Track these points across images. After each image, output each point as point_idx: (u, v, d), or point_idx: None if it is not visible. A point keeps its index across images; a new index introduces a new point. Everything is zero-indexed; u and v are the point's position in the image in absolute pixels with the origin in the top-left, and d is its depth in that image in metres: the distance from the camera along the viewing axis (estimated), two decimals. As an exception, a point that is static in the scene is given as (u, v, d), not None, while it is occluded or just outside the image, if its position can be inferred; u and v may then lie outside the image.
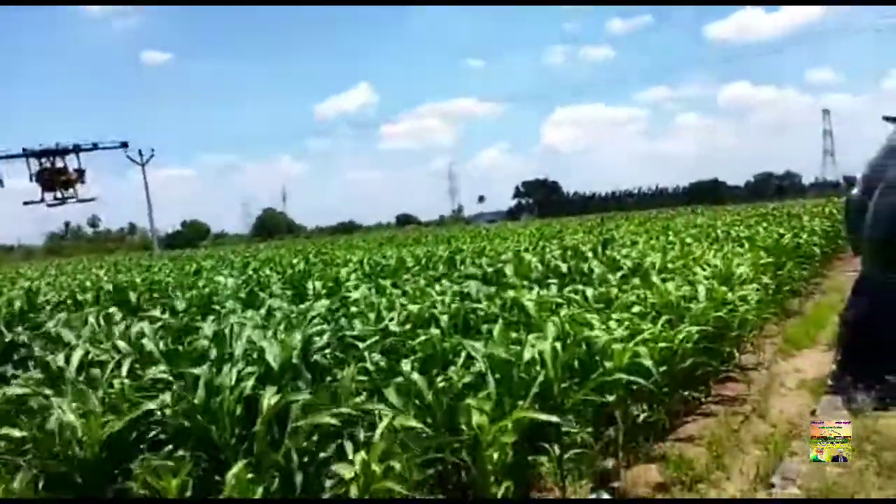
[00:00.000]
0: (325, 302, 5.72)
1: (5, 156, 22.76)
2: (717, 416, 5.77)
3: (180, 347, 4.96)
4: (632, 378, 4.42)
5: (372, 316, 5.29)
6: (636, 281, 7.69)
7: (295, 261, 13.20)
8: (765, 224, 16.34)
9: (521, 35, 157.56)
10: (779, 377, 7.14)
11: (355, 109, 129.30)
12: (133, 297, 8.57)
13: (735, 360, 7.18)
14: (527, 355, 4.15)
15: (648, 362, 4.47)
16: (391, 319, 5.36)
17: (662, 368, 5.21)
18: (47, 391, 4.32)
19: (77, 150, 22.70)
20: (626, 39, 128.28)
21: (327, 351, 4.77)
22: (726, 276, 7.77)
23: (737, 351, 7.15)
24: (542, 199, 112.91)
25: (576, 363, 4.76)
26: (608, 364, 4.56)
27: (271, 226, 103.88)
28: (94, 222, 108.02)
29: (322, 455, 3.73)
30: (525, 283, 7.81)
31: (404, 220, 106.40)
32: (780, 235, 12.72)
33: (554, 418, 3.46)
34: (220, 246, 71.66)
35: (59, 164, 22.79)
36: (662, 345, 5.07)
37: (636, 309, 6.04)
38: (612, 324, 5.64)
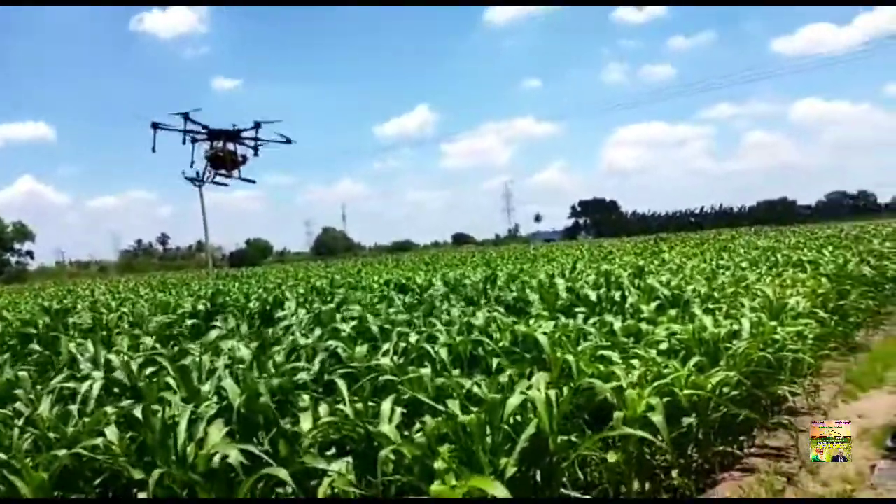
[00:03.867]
0: (318, 332, 5.28)
1: (187, 130, 24.10)
2: (760, 472, 4.98)
3: (155, 379, 4.62)
4: (642, 434, 3.76)
5: (363, 349, 4.80)
6: (673, 312, 6.99)
7: (320, 283, 12.88)
8: (830, 247, 15.08)
9: (578, 54, 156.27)
10: (838, 425, 6.24)
11: (415, 130, 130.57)
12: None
13: (786, 405, 6.34)
14: (513, 402, 3.57)
15: (658, 417, 3.79)
16: (385, 353, 4.87)
17: (690, 419, 4.55)
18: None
19: (243, 136, 23.94)
20: (688, 56, 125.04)
21: (305, 390, 4.33)
22: (778, 309, 6.94)
23: (789, 394, 6.30)
24: (599, 218, 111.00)
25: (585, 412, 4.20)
26: (618, 414, 3.93)
27: (331, 244, 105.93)
28: (163, 241, 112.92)
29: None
30: (550, 312, 7.21)
31: (460, 239, 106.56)
32: (845, 260, 11.59)
33: (504, 493, 2.86)
34: (281, 263, 73.53)
35: (230, 147, 24.23)
36: (688, 391, 4.38)
37: (664, 346, 5.37)
38: (636, 362, 5.01)
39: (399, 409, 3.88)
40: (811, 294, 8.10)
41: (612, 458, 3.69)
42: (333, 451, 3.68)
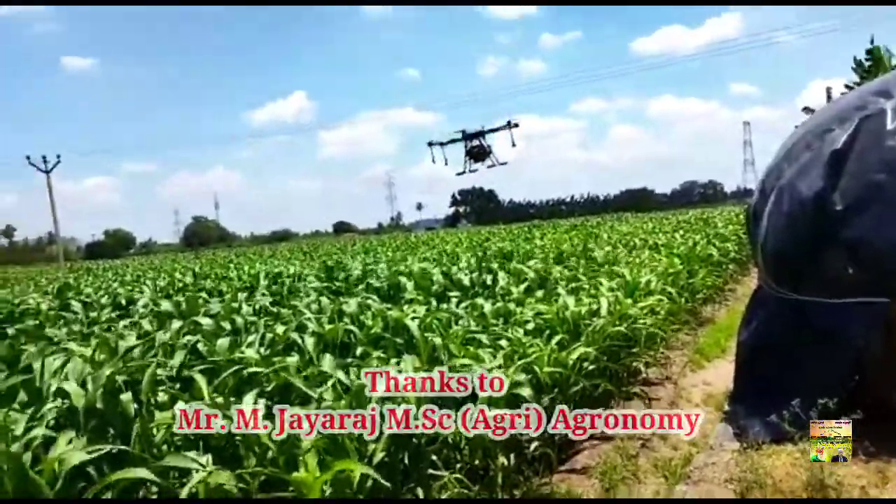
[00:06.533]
0: (176, 326, 4.98)
1: (449, 140, 32.60)
2: (616, 440, 5.32)
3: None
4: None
5: (225, 342, 4.58)
6: (540, 293, 7.29)
7: (180, 275, 12.20)
8: (681, 231, 16.40)
9: (455, 47, 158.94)
10: (685, 392, 6.81)
11: (291, 117, 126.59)
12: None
13: (641, 376, 6.83)
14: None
15: (527, 392, 3.96)
16: (249, 345, 4.69)
17: (551, 394, 4.77)
18: None
19: (483, 132, 32.69)
20: (557, 53, 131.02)
21: (163, 387, 4.08)
22: (632, 287, 7.44)
23: (643, 366, 6.79)
24: (478, 206, 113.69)
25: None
26: (483, 394, 4.05)
27: (202, 235, 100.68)
28: (8, 232, 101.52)
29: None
30: (425, 297, 7.28)
31: (341, 228, 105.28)
32: (694, 243, 12.64)
33: (371, 472, 2.88)
34: (145, 256, 68.96)
35: (476, 142, 32.63)
36: (550, 368, 4.59)
37: (531, 326, 5.59)
38: (503, 343, 5.18)
39: (263, 402, 3.75)
40: (663, 273, 8.74)
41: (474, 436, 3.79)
42: (198, 449, 3.49)
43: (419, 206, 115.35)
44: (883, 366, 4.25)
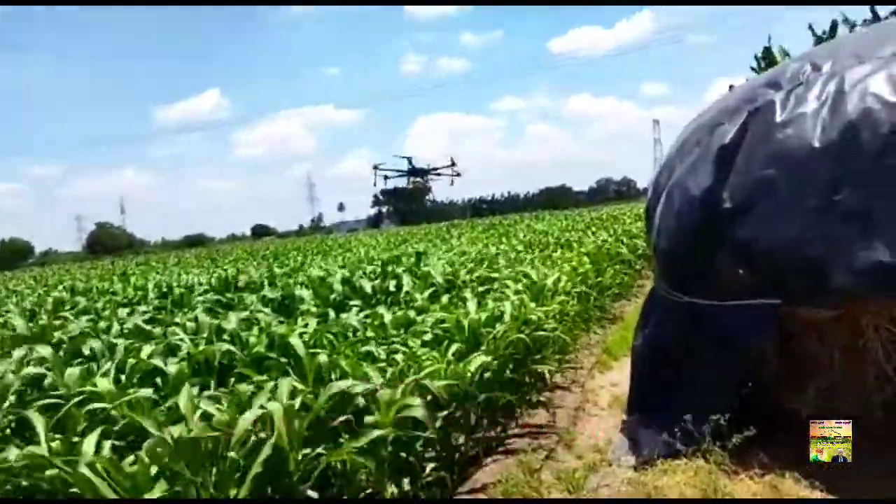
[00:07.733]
0: (19, 353, 4.35)
1: (395, 175, 35.52)
2: (520, 453, 5.08)
3: None
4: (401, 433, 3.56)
5: (76, 371, 4.01)
6: (445, 299, 7.00)
7: (58, 293, 11.20)
8: (593, 229, 16.61)
9: (375, 43, 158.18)
10: (592, 395, 6.69)
11: (205, 115, 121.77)
12: None
13: (547, 382, 6.65)
14: (246, 420, 3.15)
15: (421, 412, 3.65)
16: (105, 374, 4.12)
17: (446, 412, 4.46)
18: None
19: (428, 171, 35.04)
20: (479, 52, 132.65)
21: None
22: (539, 289, 7.27)
23: (547, 372, 6.60)
24: (401, 207, 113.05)
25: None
26: (370, 418, 3.69)
27: (107, 242, 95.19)
28: None
29: None
30: (322, 308, 6.84)
31: (260, 232, 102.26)
32: (603, 241, 12.75)
33: None
34: (41, 267, 64.44)
35: (419, 179, 35.41)
36: (442, 382, 4.28)
37: (428, 336, 5.27)
38: (399, 357, 4.84)
39: (109, 443, 3.25)
40: (571, 273, 8.66)
41: (357, 463, 3.42)
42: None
43: (341, 207, 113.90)
44: (780, 372, 4.18)
